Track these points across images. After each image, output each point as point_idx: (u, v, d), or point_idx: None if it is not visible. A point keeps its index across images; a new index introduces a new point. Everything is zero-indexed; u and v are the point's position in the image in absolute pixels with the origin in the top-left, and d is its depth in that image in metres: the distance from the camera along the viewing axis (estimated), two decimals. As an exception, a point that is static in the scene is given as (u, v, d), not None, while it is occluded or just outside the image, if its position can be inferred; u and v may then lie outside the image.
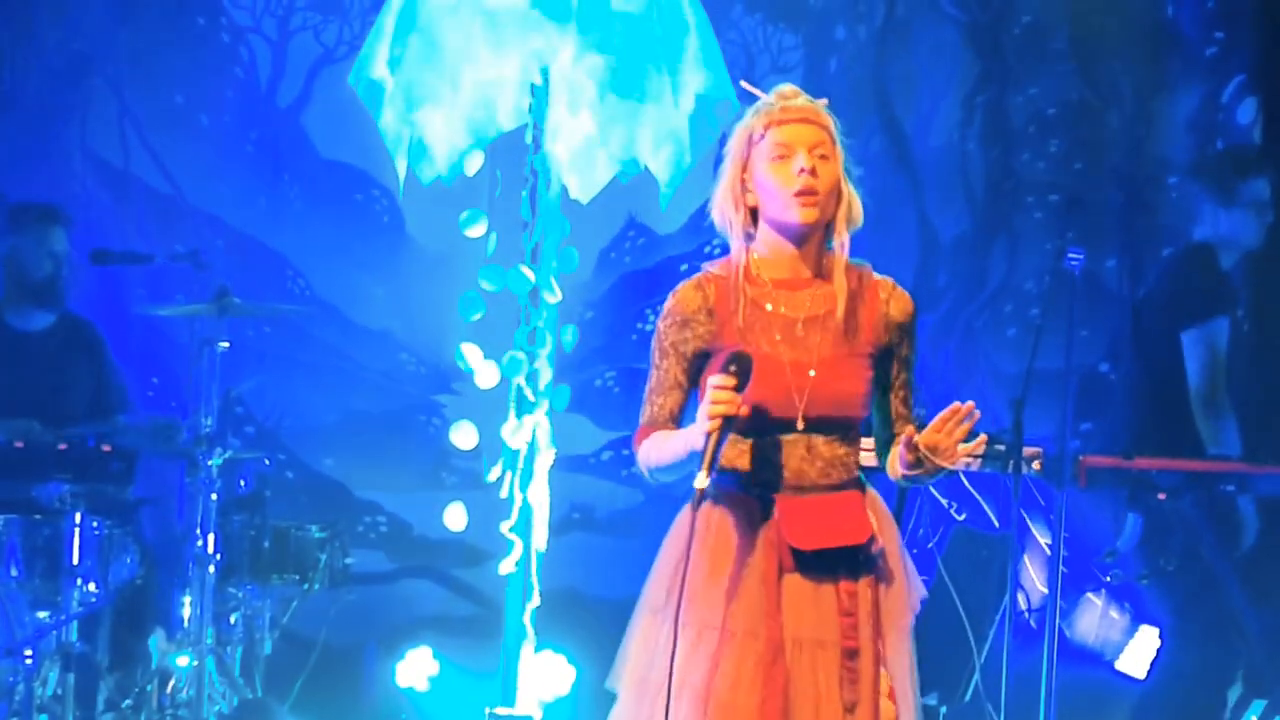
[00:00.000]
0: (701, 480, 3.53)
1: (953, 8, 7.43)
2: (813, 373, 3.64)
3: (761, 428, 3.64)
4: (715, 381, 3.53)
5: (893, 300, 3.77)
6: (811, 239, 3.72)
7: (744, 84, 3.82)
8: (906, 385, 3.81)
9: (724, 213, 3.75)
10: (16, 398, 6.14)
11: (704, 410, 3.55)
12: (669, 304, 3.77)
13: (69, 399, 6.35)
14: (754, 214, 3.73)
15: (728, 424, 3.53)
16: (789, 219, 3.67)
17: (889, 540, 3.76)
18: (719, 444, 3.53)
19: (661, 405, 3.77)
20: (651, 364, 3.78)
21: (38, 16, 6.93)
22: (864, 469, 3.81)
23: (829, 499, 3.69)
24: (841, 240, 3.72)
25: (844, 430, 3.70)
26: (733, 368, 3.53)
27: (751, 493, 3.69)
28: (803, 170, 3.64)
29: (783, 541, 3.65)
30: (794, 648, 3.63)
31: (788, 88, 3.75)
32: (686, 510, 3.71)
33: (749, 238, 3.73)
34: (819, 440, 3.67)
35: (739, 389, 3.52)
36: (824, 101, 3.75)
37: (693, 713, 3.61)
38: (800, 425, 3.65)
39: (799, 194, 3.64)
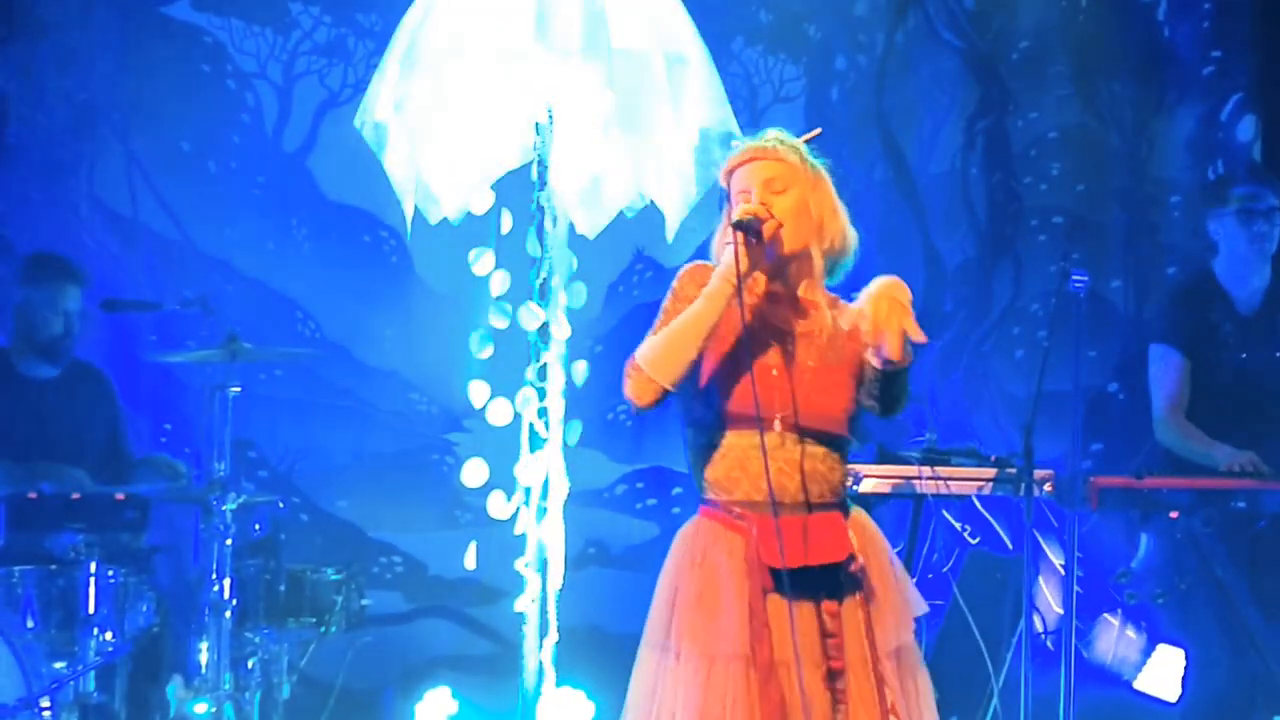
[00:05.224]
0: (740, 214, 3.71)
1: (952, 35, 7.46)
2: (798, 385, 3.73)
3: (743, 429, 3.71)
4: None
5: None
6: (788, 268, 3.80)
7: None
8: None
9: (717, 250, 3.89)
10: (30, 445, 6.15)
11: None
12: (687, 270, 3.89)
13: (82, 446, 6.35)
14: None
15: (751, 231, 3.69)
16: None
17: (875, 559, 3.77)
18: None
19: None
20: (660, 313, 3.88)
21: (43, 66, 6.96)
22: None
23: (807, 520, 3.71)
24: (817, 265, 3.82)
25: (827, 444, 3.76)
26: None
27: (733, 512, 3.72)
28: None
29: (761, 561, 3.67)
30: (783, 669, 3.64)
31: (769, 130, 3.87)
32: (679, 537, 3.81)
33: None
34: (800, 450, 3.72)
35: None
36: (816, 131, 3.84)
37: None
38: (778, 427, 3.71)
39: None
